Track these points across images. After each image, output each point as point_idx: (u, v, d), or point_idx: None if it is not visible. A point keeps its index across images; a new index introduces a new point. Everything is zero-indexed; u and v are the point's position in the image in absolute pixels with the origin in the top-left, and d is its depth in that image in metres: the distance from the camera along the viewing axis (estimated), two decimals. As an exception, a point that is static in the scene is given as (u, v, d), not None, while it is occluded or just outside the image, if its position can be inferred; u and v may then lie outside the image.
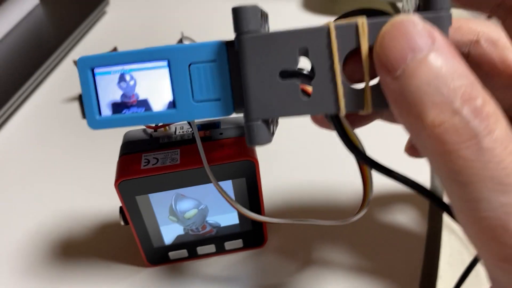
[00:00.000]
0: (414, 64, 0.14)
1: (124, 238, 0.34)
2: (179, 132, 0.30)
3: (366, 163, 0.19)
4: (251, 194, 0.29)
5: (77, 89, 0.50)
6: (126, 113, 0.20)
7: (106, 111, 0.20)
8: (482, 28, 0.19)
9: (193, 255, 0.32)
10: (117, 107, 0.20)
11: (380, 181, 0.24)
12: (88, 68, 0.20)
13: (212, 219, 0.31)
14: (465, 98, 0.13)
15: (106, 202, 0.36)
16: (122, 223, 0.29)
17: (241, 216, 0.31)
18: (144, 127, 0.30)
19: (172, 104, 0.20)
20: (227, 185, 0.28)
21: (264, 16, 0.19)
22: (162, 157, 0.28)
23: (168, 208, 0.29)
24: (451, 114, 0.13)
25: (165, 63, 0.20)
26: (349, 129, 0.19)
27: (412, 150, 0.26)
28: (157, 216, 0.29)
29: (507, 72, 0.19)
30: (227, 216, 0.31)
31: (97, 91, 0.20)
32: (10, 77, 0.50)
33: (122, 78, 0.20)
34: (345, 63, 0.17)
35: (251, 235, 0.32)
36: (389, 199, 0.35)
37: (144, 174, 0.27)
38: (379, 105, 0.17)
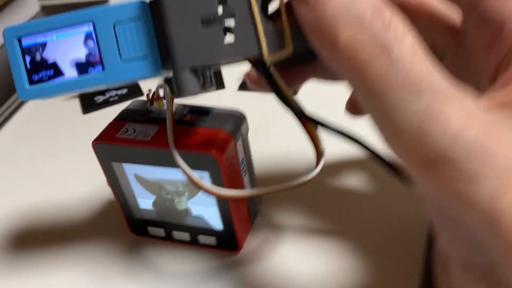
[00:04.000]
0: None
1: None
2: (179, 112, 0.29)
3: (302, 117, 0.21)
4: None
5: None
6: (63, 80, 0.21)
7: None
8: None
9: (169, 237, 0.32)
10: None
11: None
12: (14, 38, 0.20)
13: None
14: (373, 13, 0.14)
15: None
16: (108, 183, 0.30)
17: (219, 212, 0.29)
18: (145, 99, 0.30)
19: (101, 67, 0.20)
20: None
21: None
22: (140, 130, 0.28)
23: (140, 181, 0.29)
24: (361, 30, 0.14)
25: (90, 26, 0.19)
26: (283, 85, 0.20)
27: (352, 109, 0.26)
28: (134, 187, 0.30)
29: (424, 14, 0.20)
30: (198, 208, 0.29)
31: (25, 61, 0.21)
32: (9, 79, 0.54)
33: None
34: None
35: (223, 236, 0.30)
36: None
37: (115, 142, 0.27)
38: (299, 41, 0.18)
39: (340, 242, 0.30)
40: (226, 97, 0.49)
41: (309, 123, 0.22)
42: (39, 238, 0.34)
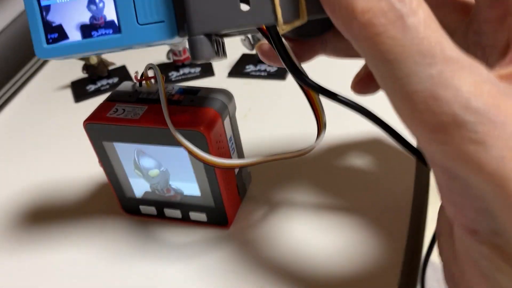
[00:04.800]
0: None
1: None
2: (168, 92, 0.30)
3: (309, 86, 0.21)
4: (207, 166, 0.28)
5: (68, 78, 0.54)
6: (94, 35, 0.21)
7: (75, 35, 0.21)
8: None
9: (161, 215, 0.33)
10: (86, 30, 0.21)
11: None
12: None
13: (174, 184, 0.31)
14: None
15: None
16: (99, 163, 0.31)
17: (202, 189, 0.30)
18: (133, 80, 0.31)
19: (118, 29, 0.20)
20: (183, 152, 0.28)
21: None
22: (129, 110, 0.28)
23: (132, 162, 0.30)
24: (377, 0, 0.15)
25: None
26: (293, 55, 0.21)
27: (358, 86, 0.26)
28: (125, 167, 0.30)
29: None
30: (188, 185, 0.30)
31: (44, 20, 0.21)
32: (6, 66, 0.53)
33: (91, 1, 0.21)
34: None
35: (214, 212, 0.31)
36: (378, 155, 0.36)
37: (106, 121, 0.28)
38: (314, 11, 0.18)
39: (330, 218, 0.31)
40: (216, 84, 0.49)
41: (314, 94, 0.23)
42: (37, 218, 0.35)
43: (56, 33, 0.21)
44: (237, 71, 0.50)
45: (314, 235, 0.30)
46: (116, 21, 0.20)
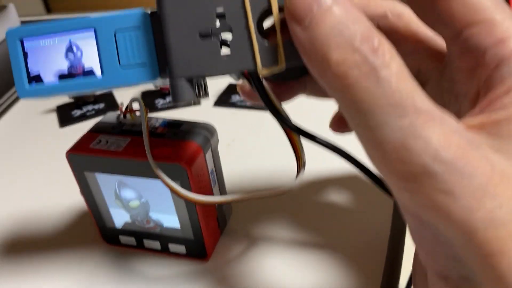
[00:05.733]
0: (320, 13, 0.16)
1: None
2: (152, 124, 0.30)
3: (290, 128, 0.22)
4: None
5: (54, 103, 0.54)
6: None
7: (53, 80, 0.21)
8: (388, 4, 0.22)
9: (140, 246, 0.33)
10: (64, 78, 0.21)
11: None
12: (17, 39, 0.21)
13: (154, 215, 0.31)
14: (363, 38, 0.15)
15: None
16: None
17: (182, 222, 0.30)
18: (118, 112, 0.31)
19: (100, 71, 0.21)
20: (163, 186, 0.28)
21: None
22: (112, 142, 0.29)
23: (113, 192, 0.30)
24: (352, 52, 0.15)
25: (91, 32, 0.21)
26: (273, 97, 0.22)
27: (336, 125, 0.27)
28: (106, 197, 0.31)
29: (411, 40, 0.21)
30: (168, 217, 0.30)
31: (27, 61, 0.22)
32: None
33: (69, 50, 0.21)
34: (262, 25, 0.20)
35: (193, 244, 0.31)
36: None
37: (89, 152, 0.28)
38: (292, 59, 0.19)
39: (308, 255, 0.32)
40: (202, 113, 0.50)
41: (294, 134, 0.23)
42: (16, 248, 0.35)
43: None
44: (223, 100, 0.51)
45: (291, 271, 0.31)
46: (94, 70, 0.21)
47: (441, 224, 0.15)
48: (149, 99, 0.53)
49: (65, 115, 0.52)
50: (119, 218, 0.32)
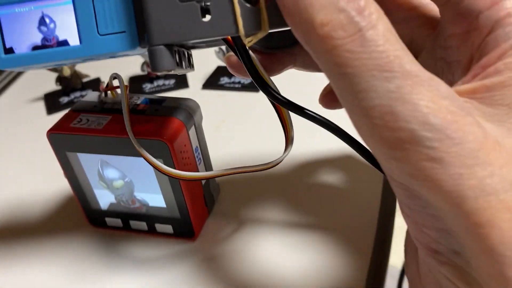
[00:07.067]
0: None
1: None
2: (133, 102, 0.30)
3: (277, 100, 0.21)
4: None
5: (42, 90, 0.53)
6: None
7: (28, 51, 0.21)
8: None
9: (127, 227, 0.32)
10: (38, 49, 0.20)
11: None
12: None
13: (139, 195, 0.30)
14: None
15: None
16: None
17: (167, 201, 0.29)
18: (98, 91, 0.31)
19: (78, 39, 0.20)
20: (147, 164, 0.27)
21: None
22: (93, 120, 0.28)
23: (97, 172, 0.29)
24: (337, 12, 0.14)
25: None
26: (261, 68, 0.21)
27: (326, 100, 0.26)
28: (89, 178, 0.30)
29: (404, 7, 0.20)
30: (153, 197, 0.30)
31: (3, 32, 0.21)
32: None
33: (41, 23, 0.20)
34: None
35: (180, 224, 0.30)
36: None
37: (69, 131, 0.28)
38: (275, 23, 0.18)
39: (297, 234, 0.31)
40: (191, 95, 0.49)
41: (283, 108, 0.22)
42: (1, 233, 0.34)
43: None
44: (212, 83, 0.50)
45: (280, 251, 0.30)
46: (68, 41, 0.20)
47: (430, 194, 0.14)
48: (137, 84, 0.52)
49: (53, 103, 0.51)
50: (104, 199, 0.31)
